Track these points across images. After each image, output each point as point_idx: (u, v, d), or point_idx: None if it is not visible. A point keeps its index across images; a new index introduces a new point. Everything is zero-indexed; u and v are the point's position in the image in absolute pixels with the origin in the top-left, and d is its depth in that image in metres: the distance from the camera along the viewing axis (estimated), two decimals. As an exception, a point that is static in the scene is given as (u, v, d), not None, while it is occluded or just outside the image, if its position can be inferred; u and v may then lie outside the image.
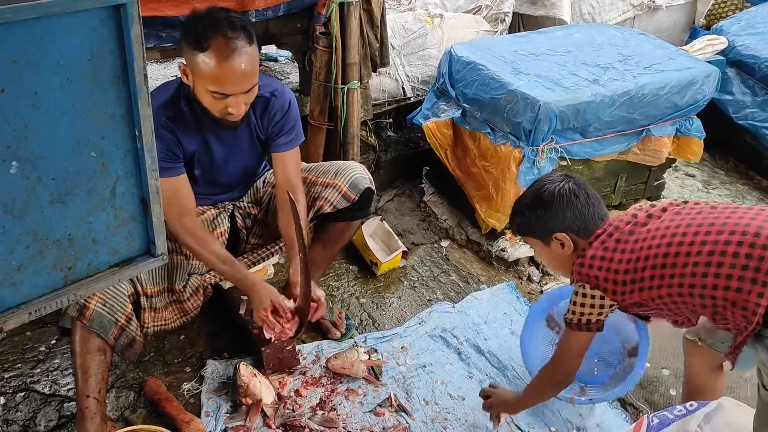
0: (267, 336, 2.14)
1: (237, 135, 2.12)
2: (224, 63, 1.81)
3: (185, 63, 1.90)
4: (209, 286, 2.26)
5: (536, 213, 1.82)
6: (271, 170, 2.42)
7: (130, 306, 1.97)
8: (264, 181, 2.41)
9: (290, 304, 2.14)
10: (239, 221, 2.34)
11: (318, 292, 2.17)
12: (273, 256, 2.41)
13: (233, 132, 2.08)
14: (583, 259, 1.77)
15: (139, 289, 2.01)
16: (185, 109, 2.01)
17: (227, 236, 2.32)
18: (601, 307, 1.76)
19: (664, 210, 1.74)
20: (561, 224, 1.80)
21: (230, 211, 2.32)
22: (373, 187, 2.34)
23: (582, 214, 1.79)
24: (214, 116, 1.95)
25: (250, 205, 2.37)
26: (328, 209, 2.29)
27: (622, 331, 2.26)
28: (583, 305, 1.77)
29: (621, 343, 2.28)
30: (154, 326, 2.09)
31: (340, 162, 2.45)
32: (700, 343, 1.91)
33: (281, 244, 2.37)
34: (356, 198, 2.28)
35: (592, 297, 1.75)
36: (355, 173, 2.29)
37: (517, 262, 2.91)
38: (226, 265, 2.09)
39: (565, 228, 1.80)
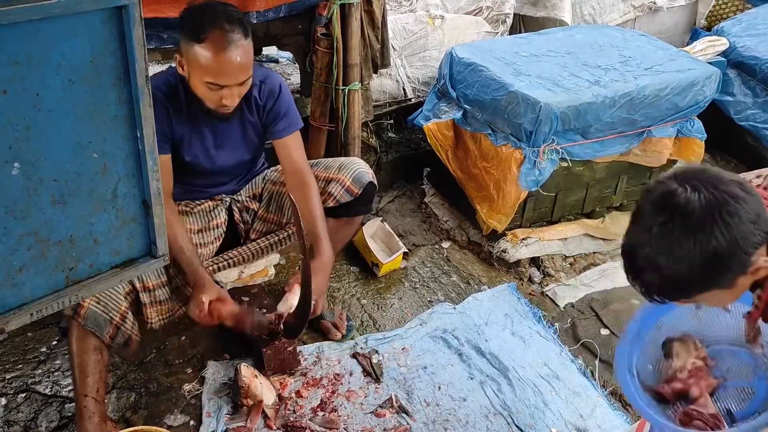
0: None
1: (229, 125, 2.15)
2: (220, 55, 1.86)
3: (181, 54, 1.95)
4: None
5: (699, 252, 1.17)
6: (271, 168, 2.43)
7: (125, 304, 1.97)
8: (264, 178, 2.42)
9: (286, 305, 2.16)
10: (236, 215, 2.35)
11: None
12: (273, 249, 2.40)
13: (226, 123, 2.12)
14: None
15: (138, 285, 2.01)
16: (182, 93, 2.06)
17: (224, 229, 2.32)
18: None
19: None
20: (745, 245, 1.19)
21: (227, 203, 2.34)
22: (375, 182, 2.35)
23: (757, 215, 1.19)
24: (208, 108, 2.00)
25: (248, 199, 2.38)
26: (331, 203, 2.31)
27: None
28: None
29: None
30: (161, 318, 2.08)
31: (343, 158, 2.48)
32: None
33: (282, 236, 2.38)
34: (359, 192, 2.29)
35: None
36: (358, 168, 2.32)
37: (518, 263, 2.91)
38: (195, 258, 2.06)
39: (756, 246, 1.20)
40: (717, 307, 1.41)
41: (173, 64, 2.08)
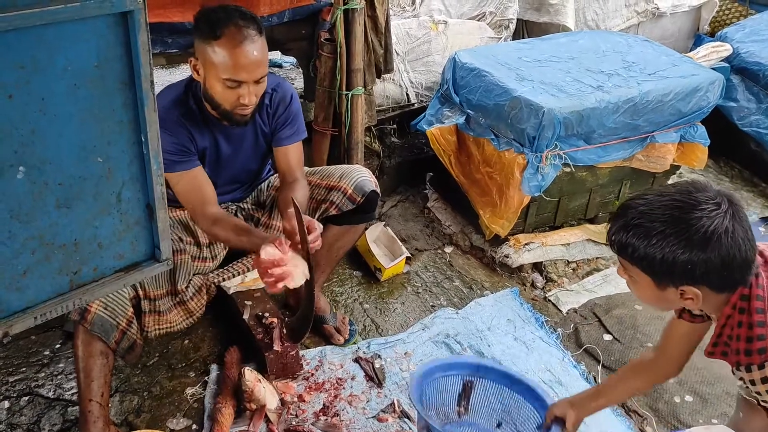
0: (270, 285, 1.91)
1: (243, 133, 2.16)
2: (237, 49, 1.88)
3: (196, 57, 1.96)
4: (212, 285, 2.27)
5: (670, 248, 1.27)
6: (275, 174, 2.43)
7: (131, 309, 1.98)
8: (268, 185, 2.42)
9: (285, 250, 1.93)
10: None
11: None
12: None
13: (240, 130, 2.13)
14: None
15: (140, 293, 2.02)
16: (194, 107, 2.07)
17: None
18: None
19: None
20: (700, 277, 1.28)
21: (234, 211, 2.34)
22: (378, 191, 2.34)
23: (732, 263, 1.26)
24: (226, 111, 1.99)
25: (253, 207, 2.39)
26: (333, 211, 2.30)
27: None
28: None
29: None
30: (158, 329, 2.09)
31: (345, 165, 2.47)
32: (759, 404, 1.60)
33: None
34: (361, 200, 2.28)
35: None
36: (360, 176, 2.30)
37: (520, 268, 2.91)
38: (244, 235, 2.03)
39: (702, 281, 1.30)
40: (639, 298, 1.45)
41: (177, 80, 2.08)
